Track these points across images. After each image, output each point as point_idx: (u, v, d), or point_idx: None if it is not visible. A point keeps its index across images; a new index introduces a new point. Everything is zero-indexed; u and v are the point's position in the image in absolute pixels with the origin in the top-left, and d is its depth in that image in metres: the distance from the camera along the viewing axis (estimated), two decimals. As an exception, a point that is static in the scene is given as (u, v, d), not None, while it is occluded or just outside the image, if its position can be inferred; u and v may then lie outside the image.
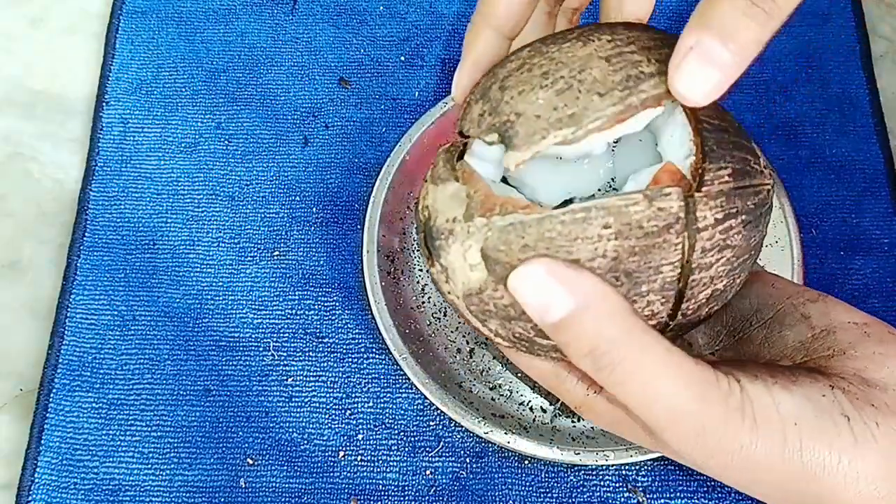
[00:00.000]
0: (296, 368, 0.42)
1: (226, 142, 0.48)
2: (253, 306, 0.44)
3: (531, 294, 0.24)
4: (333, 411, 0.42)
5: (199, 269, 0.45)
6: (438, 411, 0.41)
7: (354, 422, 0.41)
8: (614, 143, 0.28)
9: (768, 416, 0.24)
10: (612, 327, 0.24)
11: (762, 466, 0.24)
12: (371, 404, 0.42)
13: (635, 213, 0.24)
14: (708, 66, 0.23)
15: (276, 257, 0.45)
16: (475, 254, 0.25)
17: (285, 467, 0.40)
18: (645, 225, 0.24)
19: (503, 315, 0.26)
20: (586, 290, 0.24)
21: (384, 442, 0.41)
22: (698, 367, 0.24)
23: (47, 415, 0.41)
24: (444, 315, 0.43)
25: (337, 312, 0.44)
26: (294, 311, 0.44)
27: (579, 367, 0.25)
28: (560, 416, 0.41)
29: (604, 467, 0.40)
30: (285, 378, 0.42)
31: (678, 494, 0.39)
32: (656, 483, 0.40)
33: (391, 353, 0.41)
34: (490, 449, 0.41)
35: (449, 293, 0.27)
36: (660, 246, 0.24)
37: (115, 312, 0.44)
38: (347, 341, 0.43)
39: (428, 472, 0.40)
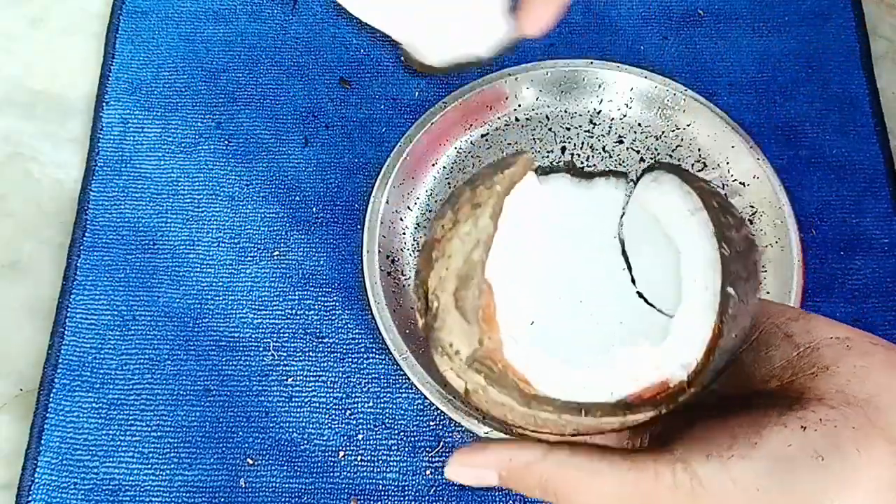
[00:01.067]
0: (296, 368, 0.42)
1: (226, 142, 0.48)
2: (253, 306, 0.44)
3: (467, 481, 0.28)
4: (333, 411, 0.41)
5: (199, 269, 0.45)
6: (438, 411, 0.41)
7: (354, 422, 0.41)
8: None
9: (726, 492, 0.25)
10: (535, 475, 0.27)
11: None
12: (371, 404, 0.42)
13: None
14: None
15: (276, 257, 0.45)
16: (460, 382, 0.26)
17: (285, 467, 0.40)
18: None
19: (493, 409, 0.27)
20: (496, 461, 0.27)
21: (384, 442, 0.41)
22: (635, 467, 0.26)
23: (47, 415, 0.41)
24: (444, 315, 0.43)
25: (337, 312, 0.44)
26: (294, 311, 0.44)
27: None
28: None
29: (604, 467, 0.40)
30: (285, 378, 0.42)
31: (678, 494, 0.39)
32: (656, 483, 0.40)
33: (391, 353, 0.41)
34: (490, 449, 0.41)
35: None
36: None
37: (115, 312, 0.44)
38: (347, 341, 0.43)
39: (428, 472, 0.40)
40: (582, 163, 0.47)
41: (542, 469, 0.27)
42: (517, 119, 0.48)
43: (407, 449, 0.41)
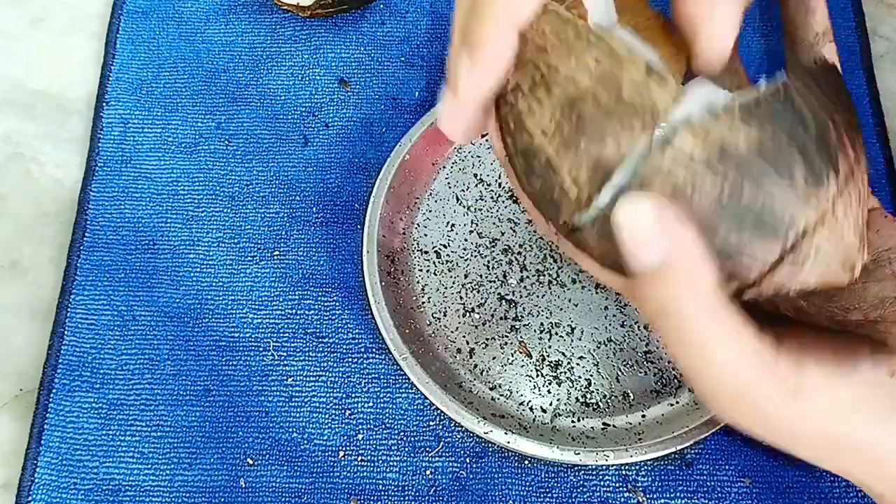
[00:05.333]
0: (296, 368, 0.42)
1: (226, 142, 0.48)
2: (253, 306, 0.44)
3: (632, 233, 0.24)
4: (333, 411, 0.42)
5: (199, 269, 0.45)
6: (438, 411, 0.41)
7: (354, 422, 0.41)
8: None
9: (821, 402, 0.24)
10: (688, 296, 0.23)
11: (809, 433, 0.25)
12: (371, 404, 0.42)
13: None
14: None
15: (276, 257, 0.45)
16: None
17: (285, 467, 0.40)
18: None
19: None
20: (683, 246, 0.23)
21: (384, 442, 0.41)
22: (761, 347, 0.24)
23: (47, 415, 0.41)
24: (444, 315, 0.43)
25: (337, 312, 0.44)
26: (294, 311, 0.44)
27: (647, 318, 0.26)
28: (560, 416, 0.41)
29: (604, 467, 0.40)
30: (285, 378, 0.42)
31: (678, 494, 0.39)
32: (656, 483, 0.40)
33: (391, 353, 0.41)
34: (490, 449, 0.41)
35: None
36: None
37: (115, 312, 0.44)
38: (347, 341, 0.43)
39: (428, 472, 0.40)
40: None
41: (688, 302, 0.24)
42: (517, 119, 0.48)
43: (407, 449, 0.41)
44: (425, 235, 0.45)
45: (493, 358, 0.42)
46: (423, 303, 0.44)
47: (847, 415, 0.24)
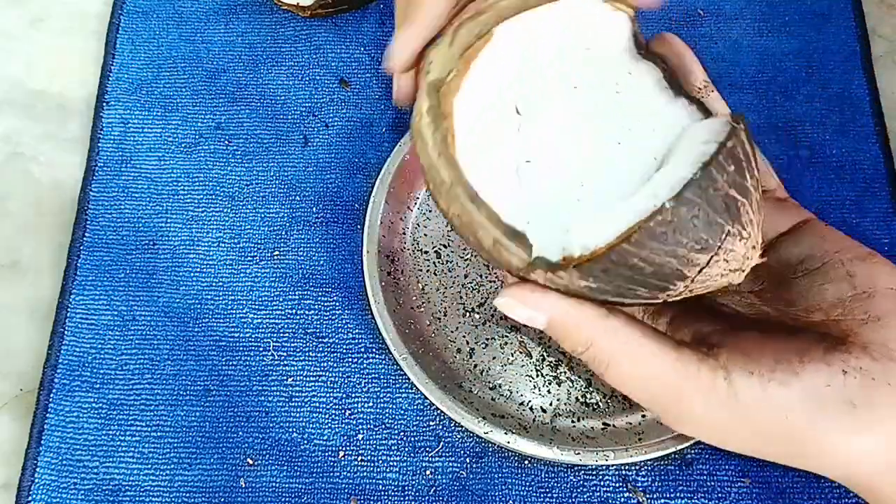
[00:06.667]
0: (296, 368, 0.42)
1: (226, 142, 0.48)
2: (253, 306, 0.44)
3: (516, 316, 0.28)
4: (333, 411, 0.42)
5: (199, 269, 0.45)
6: (438, 411, 0.41)
7: (354, 422, 0.41)
8: None
9: (758, 409, 0.26)
10: (584, 333, 0.27)
11: (739, 433, 0.26)
12: (371, 404, 0.42)
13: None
14: None
15: (276, 257, 0.45)
16: (420, 103, 0.29)
17: (285, 467, 0.40)
18: None
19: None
20: (550, 306, 0.27)
21: (384, 442, 0.41)
22: (681, 355, 0.27)
23: (47, 415, 0.41)
24: (445, 315, 0.43)
25: (337, 312, 0.44)
26: (294, 311, 0.44)
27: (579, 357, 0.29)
28: (560, 416, 0.41)
29: (604, 467, 0.40)
30: (285, 378, 0.42)
31: (678, 494, 0.39)
32: (656, 483, 0.40)
33: (391, 353, 0.41)
34: (490, 449, 0.41)
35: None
36: None
37: (115, 312, 0.44)
38: (347, 341, 0.43)
39: (428, 472, 0.40)
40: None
41: (593, 330, 0.27)
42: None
43: (407, 449, 0.41)
44: (425, 235, 0.45)
45: (493, 358, 0.42)
46: (423, 303, 0.44)
47: (783, 413, 0.25)
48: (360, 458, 0.41)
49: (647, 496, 0.39)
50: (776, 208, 0.32)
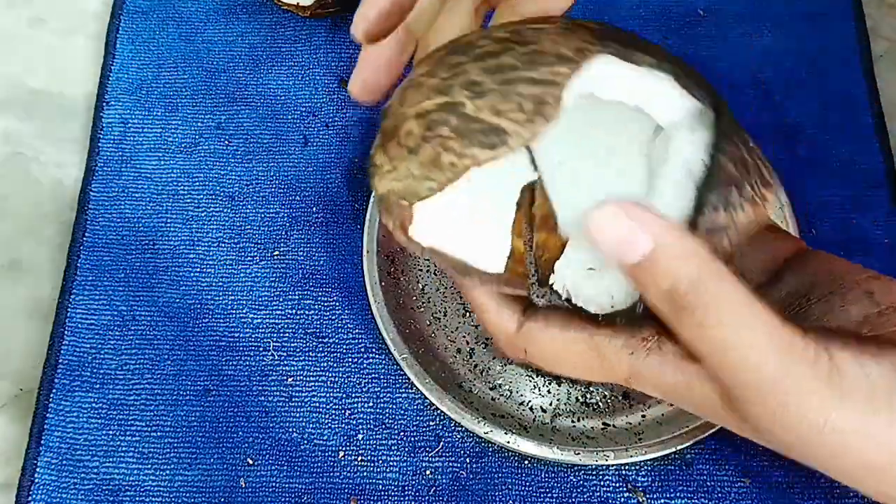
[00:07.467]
0: (296, 368, 0.42)
1: (226, 142, 0.48)
2: (253, 306, 0.44)
3: (612, 234, 0.23)
4: (333, 411, 0.41)
5: (199, 269, 0.45)
6: (438, 411, 0.41)
7: (354, 422, 0.41)
8: None
9: (857, 387, 0.23)
10: (692, 267, 0.23)
11: (848, 443, 0.23)
12: (371, 404, 0.42)
13: None
14: None
15: (276, 257, 0.45)
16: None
17: (285, 467, 0.40)
18: None
19: None
20: (661, 230, 0.23)
21: (384, 442, 0.41)
22: (785, 326, 0.24)
23: (47, 415, 0.41)
24: (445, 315, 0.43)
25: (337, 312, 0.44)
26: (294, 311, 0.44)
27: (657, 311, 0.24)
28: (560, 416, 0.41)
29: (604, 467, 0.40)
30: (285, 378, 0.42)
31: (678, 494, 0.39)
32: (656, 483, 0.40)
33: (391, 353, 0.41)
34: (490, 449, 0.41)
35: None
36: None
37: (115, 312, 0.44)
38: (347, 341, 0.43)
39: (428, 472, 0.40)
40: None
41: (696, 274, 0.23)
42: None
43: (407, 449, 0.41)
44: (425, 235, 0.45)
45: (493, 358, 0.42)
46: (423, 303, 0.44)
47: (887, 407, 0.23)
48: (359, 458, 0.41)
49: (647, 496, 0.39)
50: (776, 237, 0.32)
